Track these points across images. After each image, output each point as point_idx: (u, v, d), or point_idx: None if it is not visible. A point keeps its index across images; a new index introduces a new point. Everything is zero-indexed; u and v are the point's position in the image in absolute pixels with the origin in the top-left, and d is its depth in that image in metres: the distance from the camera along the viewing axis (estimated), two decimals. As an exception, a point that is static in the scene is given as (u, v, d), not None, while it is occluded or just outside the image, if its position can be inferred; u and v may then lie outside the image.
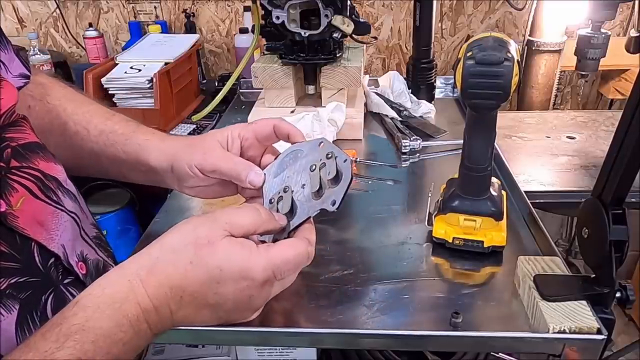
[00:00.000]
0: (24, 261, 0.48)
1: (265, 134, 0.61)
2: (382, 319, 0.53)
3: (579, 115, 1.32)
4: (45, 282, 0.50)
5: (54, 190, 0.55)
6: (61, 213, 0.55)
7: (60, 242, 0.52)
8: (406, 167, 0.87)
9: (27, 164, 0.52)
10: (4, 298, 0.45)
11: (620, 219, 0.49)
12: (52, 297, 0.50)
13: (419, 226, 0.68)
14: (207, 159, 0.59)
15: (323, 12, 0.89)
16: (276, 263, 0.47)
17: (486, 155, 0.60)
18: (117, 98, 1.44)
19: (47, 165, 0.55)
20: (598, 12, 0.94)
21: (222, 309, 0.48)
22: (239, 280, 0.46)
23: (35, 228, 0.50)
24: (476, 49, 0.53)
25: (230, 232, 0.47)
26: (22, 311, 0.46)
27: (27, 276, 0.48)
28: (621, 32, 1.74)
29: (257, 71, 0.97)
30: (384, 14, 1.82)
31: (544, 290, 0.52)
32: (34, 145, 0.55)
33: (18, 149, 0.52)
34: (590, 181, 1.01)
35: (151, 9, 1.90)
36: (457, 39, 1.84)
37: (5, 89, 0.52)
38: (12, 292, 0.46)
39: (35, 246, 0.49)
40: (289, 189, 0.56)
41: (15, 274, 0.46)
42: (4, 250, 0.46)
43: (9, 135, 0.52)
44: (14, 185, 0.49)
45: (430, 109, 1.06)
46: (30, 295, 0.47)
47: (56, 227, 0.53)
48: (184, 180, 0.61)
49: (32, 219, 0.50)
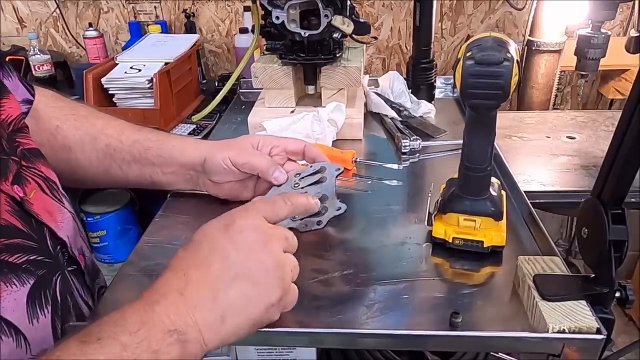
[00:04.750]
0: (39, 242, 0.52)
1: (295, 150, 0.71)
2: (381, 319, 0.53)
3: (579, 115, 1.32)
4: (56, 264, 0.54)
5: (55, 190, 0.60)
6: (64, 209, 0.60)
7: (65, 233, 0.57)
8: (406, 167, 0.87)
9: (33, 166, 0.58)
10: (19, 271, 0.48)
11: (619, 219, 0.49)
12: (60, 280, 0.54)
13: (419, 226, 0.68)
14: (240, 154, 0.67)
15: (323, 12, 0.89)
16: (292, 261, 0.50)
17: (486, 155, 0.60)
18: (117, 98, 1.45)
19: (47, 170, 0.60)
20: (598, 12, 0.94)
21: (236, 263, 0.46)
22: (245, 218, 0.48)
23: (46, 216, 0.55)
24: (476, 49, 0.53)
25: None
26: (36, 286, 0.50)
27: (43, 256, 0.52)
28: (621, 32, 1.75)
29: (257, 71, 0.97)
30: (384, 14, 1.82)
31: (544, 290, 0.52)
32: (36, 151, 0.60)
33: (24, 151, 0.58)
34: (590, 181, 1.01)
35: (151, 9, 1.90)
36: (457, 39, 1.84)
37: (12, 100, 0.58)
38: (29, 267, 0.50)
39: (47, 231, 0.54)
40: None
41: (33, 252, 0.51)
42: (24, 230, 0.51)
43: (18, 139, 0.57)
44: (28, 179, 0.55)
45: (430, 109, 1.06)
46: (45, 273, 0.51)
47: (61, 220, 0.58)
48: (212, 174, 0.68)
49: (43, 208, 0.55)
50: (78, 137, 0.69)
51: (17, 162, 0.55)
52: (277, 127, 0.91)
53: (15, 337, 0.46)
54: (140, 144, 0.70)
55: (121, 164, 0.70)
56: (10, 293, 0.47)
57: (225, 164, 0.67)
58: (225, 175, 0.68)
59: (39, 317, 0.50)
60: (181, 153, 0.69)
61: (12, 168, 0.53)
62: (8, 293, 0.46)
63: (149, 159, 0.70)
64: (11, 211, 0.50)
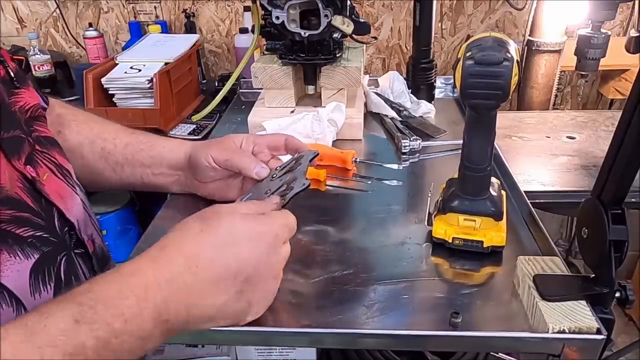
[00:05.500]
0: (47, 221, 0.53)
1: (276, 145, 0.70)
2: (381, 319, 0.53)
3: (579, 115, 1.32)
4: (62, 244, 0.55)
5: (69, 178, 0.62)
6: (75, 196, 0.61)
7: (75, 216, 0.58)
8: (406, 167, 0.87)
9: (47, 152, 0.59)
10: (24, 244, 0.49)
11: (619, 219, 0.49)
12: (65, 260, 0.54)
13: (419, 226, 0.68)
14: (222, 151, 0.68)
15: (323, 12, 0.89)
16: (279, 221, 0.51)
17: (486, 155, 0.60)
18: (117, 98, 1.44)
19: (62, 159, 0.62)
20: (598, 12, 0.94)
21: (243, 275, 0.47)
22: (253, 238, 0.48)
23: (57, 198, 0.56)
24: (475, 49, 0.53)
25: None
26: (40, 261, 0.50)
27: (49, 234, 0.53)
28: (621, 32, 1.74)
29: (257, 71, 0.97)
30: (384, 14, 1.82)
31: (544, 290, 0.52)
32: (52, 140, 0.62)
33: (40, 138, 0.59)
34: (590, 181, 1.01)
35: (151, 9, 1.90)
36: (457, 39, 1.84)
37: (31, 91, 0.62)
38: (35, 242, 0.50)
39: (56, 212, 0.55)
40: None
41: (40, 229, 0.51)
42: (33, 207, 0.52)
43: (34, 126, 0.60)
44: (40, 163, 0.57)
45: (430, 109, 1.06)
46: (50, 251, 0.52)
47: (72, 204, 0.59)
48: (197, 173, 0.70)
49: (54, 191, 0.56)
50: (77, 141, 0.72)
51: (31, 145, 0.56)
52: (277, 127, 0.91)
53: (16, 307, 0.47)
54: (132, 146, 0.72)
55: (115, 167, 0.72)
56: (14, 264, 0.47)
57: (208, 162, 0.68)
58: (209, 172, 0.69)
59: (42, 292, 0.50)
60: (169, 152, 0.72)
61: (25, 149, 0.55)
62: (12, 264, 0.47)
63: (140, 161, 0.72)
64: (22, 188, 0.52)
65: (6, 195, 0.49)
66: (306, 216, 0.72)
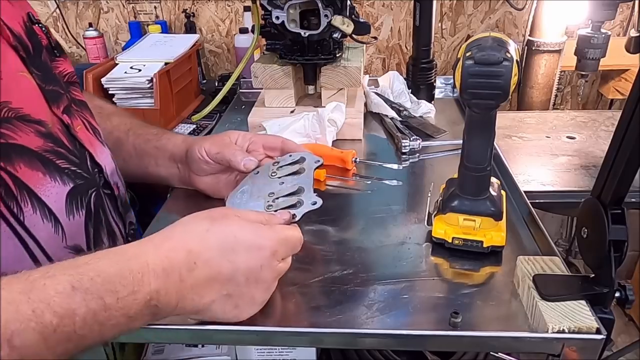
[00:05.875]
0: (80, 160, 0.61)
1: (272, 146, 0.72)
2: (381, 319, 0.53)
3: (579, 115, 1.32)
4: (93, 181, 0.63)
5: (99, 135, 0.69)
6: (104, 148, 0.69)
7: (103, 162, 0.66)
8: (406, 167, 0.87)
9: (81, 111, 0.67)
10: (62, 173, 0.58)
11: (619, 219, 0.49)
12: (95, 194, 0.62)
13: (419, 226, 0.68)
14: (214, 145, 0.71)
15: (323, 12, 0.89)
16: (281, 237, 0.52)
17: (486, 155, 0.60)
18: (117, 98, 1.44)
19: (93, 121, 0.69)
20: (598, 12, 0.94)
21: (234, 282, 0.49)
22: (251, 249, 0.49)
23: (88, 144, 0.64)
24: (475, 49, 0.53)
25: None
26: (73, 190, 0.58)
27: (82, 171, 0.61)
28: (621, 32, 1.74)
29: (257, 71, 0.97)
30: (384, 14, 1.82)
31: (543, 290, 0.52)
32: (85, 104, 0.69)
33: (75, 100, 0.67)
34: (590, 181, 1.01)
35: (151, 9, 1.90)
36: (457, 39, 1.84)
37: (67, 62, 0.69)
38: (70, 174, 0.59)
39: (88, 155, 0.63)
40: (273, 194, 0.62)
41: (74, 165, 0.60)
42: (69, 147, 0.60)
43: (70, 90, 0.66)
44: (75, 116, 0.65)
45: (430, 109, 1.06)
46: (82, 184, 0.60)
47: (101, 152, 0.67)
48: (192, 165, 0.73)
49: (86, 139, 0.64)
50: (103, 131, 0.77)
51: (68, 100, 0.64)
52: (277, 127, 0.91)
53: (54, 224, 0.55)
54: (142, 137, 0.77)
55: (125, 156, 0.76)
56: (54, 187, 0.56)
57: (201, 154, 0.70)
58: (202, 165, 0.71)
59: (75, 215, 0.58)
60: (172, 144, 0.75)
61: (63, 101, 0.63)
62: (52, 186, 0.56)
63: (147, 151, 0.76)
64: (60, 130, 0.60)
65: (49, 131, 0.57)
66: (306, 216, 0.72)
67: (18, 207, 0.52)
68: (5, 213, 0.51)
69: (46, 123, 0.57)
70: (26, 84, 0.57)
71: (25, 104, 0.55)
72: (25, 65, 0.57)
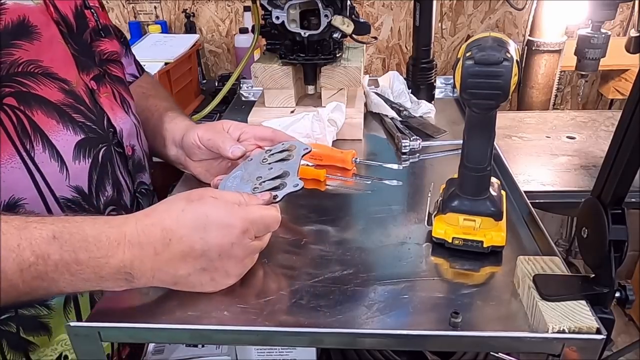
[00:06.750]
0: (97, 119, 0.67)
1: (263, 136, 0.75)
2: (381, 319, 0.53)
3: (579, 115, 1.32)
4: (105, 138, 0.68)
5: (127, 106, 0.75)
6: (129, 118, 0.74)
7: (120, 125, 0.71)
8: (406, 167, 0.87)
9: (114, 85, 0.73)
10: (75, 124, 0.63)
11: (619, 219, 0.49)
12: (105, 149, 0.67)
13: (419, 226, 0.68)
14: (207, 131, 0.74)
15: (323, 12, 0.89)
16: (253, 217, 0.54)
17: (486, 155, 0.60)
18: (117, 98, 1.44)
19: (127, 95, 0.76)
20: (598, 12, 0.94)
21: (207, 257, 0.52)
22: (222, 228, 0.52)
23: (109, 110, 0.69)
24: (475, 49, 0.53)
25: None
26: (84, 141, 0.63)
27: (96, 127, 0.66)
28: (621, 32, 1.74)
29: (257, 71, 0.97)
30: (384, 14, 1.82)
31: (544, 290, 0.52)
32: (121, 79, 0.76)
33: (111, 75, 0.74)
34: (590, 181, 1.01)
35: (151, 9, 1.90)
36: (457, 39, 1.84)
37: (114, 43, 0.77)
38: (84, 127, 0.64)
39: (106, 118, 0.69)
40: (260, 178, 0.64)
41: (90, 121, 0.65)
42: (89, 106, 0.65)
43: (107, 65, 0.74)
44: (105, 85, 0.71)
45: (430, 109, 1.06)
46: (94, 138, 0.65)
47: (120, 118, 0.72)
48: (187, 150, 0.77)
49: (108, 105, 0.70)
50: (138, 109, 0.82)
51: (100, 72, 0.70)
52: (277, 127, 0.91)
53: (60, 165, 0.61)
54: (161, 119, 0.82)
55: (149, 135, 0.82)
56: (65, 134, 0.61)
57: (194, 139, 0.75)
58: (195, 150, 0.76)
59: (80, 162, 0.63)
60: (177, 127, 0.80)
61: (93, 71, 0.69)
62: (63, 133, 0.61)
63: (160, 132, 0.81)
64: (84, 92, 0.66)
65: (72, 89, 0.63)
66: (306, 216, 0.72)
67: (30, 144, 0.58)
68: (19, 146, 0.57)
69: (71, 82, 0.63)
70: (60, 50, 0.64)
71: (55, 65, 0.62)
72: (63, 37, 0.65)
